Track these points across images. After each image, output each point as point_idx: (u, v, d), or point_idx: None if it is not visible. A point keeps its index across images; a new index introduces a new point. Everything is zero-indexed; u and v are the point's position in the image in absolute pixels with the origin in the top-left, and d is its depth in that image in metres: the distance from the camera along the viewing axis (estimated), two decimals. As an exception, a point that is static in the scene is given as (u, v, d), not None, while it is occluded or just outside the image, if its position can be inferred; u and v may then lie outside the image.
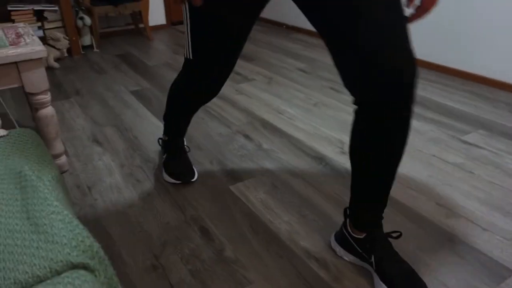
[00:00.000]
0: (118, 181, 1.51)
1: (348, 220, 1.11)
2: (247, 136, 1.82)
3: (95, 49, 3.22)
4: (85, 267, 0.56)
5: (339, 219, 1.30)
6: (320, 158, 1.64)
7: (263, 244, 1.19)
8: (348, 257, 1.14)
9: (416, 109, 2.07)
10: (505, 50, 2.25)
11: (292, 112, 2.07)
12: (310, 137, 1.81)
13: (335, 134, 1.84)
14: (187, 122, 1.47)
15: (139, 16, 3.43)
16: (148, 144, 1.77)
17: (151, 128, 1.91)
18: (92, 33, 3.20)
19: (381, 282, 1.02)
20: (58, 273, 0.54)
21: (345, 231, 1.12)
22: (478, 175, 1.52)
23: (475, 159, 1.63)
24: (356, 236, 1.08)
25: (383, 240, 1.06)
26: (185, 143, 1.57)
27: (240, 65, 2.80)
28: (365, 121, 0.92)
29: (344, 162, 1.61)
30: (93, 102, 2.22)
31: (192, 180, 1.47)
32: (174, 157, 1.51)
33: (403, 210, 1.34)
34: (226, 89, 2.38)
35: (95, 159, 1.66)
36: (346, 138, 1.79)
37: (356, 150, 0.99)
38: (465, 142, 1.75)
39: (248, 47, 3.24)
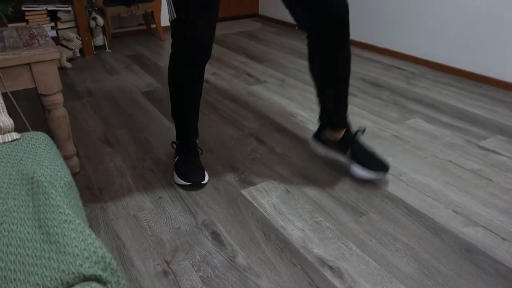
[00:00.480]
0: (129, 183, 1.50)
1: (327, 128, 1.52)
2: (259, 139, 1.80)
3: (107, 50, 3.23)
4: (97, 279, 0.55)
5: (354, 226, 1.27)
6: (334, 163, 1.61)
7: (276, 251, 1.17)
8: (325, 151, 1.60)
9: (431, 113, 2.03)
10: (524, 53, 2.20)
11: (304, 115, 2.04)
12: (323, 141, 1.78)
13: (348, 138, 1.80)
14: (194, 116, 1.50)
15: (151, 16, 3.44)
16: (159, 146, 1.76)
17: (163, 130, 1.90)
18: (104, 33, 3.21)
19: (358, 165, 1.47)
20: (70, 285, 0.53)
21: (322, 131, 1.56)
22: (496, 182, 1.48)
23: (493, 165, 1.59)
24: (334, 139, 1.52)
25: (354, 137, 1.49)
26: (197, 145, 1.56)
27: (252, 67, 2.79)
28: (315, 47, 1.36)
29: (358, 167, 1.58)
30: (105, 103, 2.22)
31: (203, 182, 1.46)
32: (185, 159, 1.50)
33: (419, 217, 1.31)
34: (239, 91, 2.36)
35: (106, 161, 1.65)
36: (359, 142, 1.76)
37: (313, 69, 1.42)
38: (482, 148, 1.71)
39: (260, 48, 3.22)
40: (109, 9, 3.13)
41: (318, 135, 1.60)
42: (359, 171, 1.47)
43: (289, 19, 3.89)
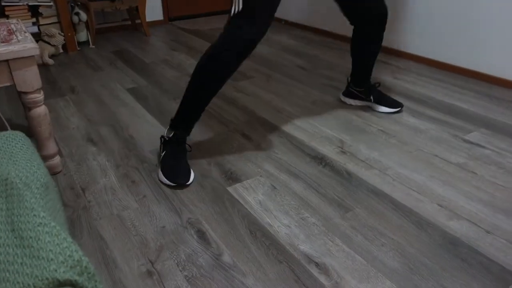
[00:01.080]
0: (113, 182, 1.48)
1: (351, 83, 2.03)
2: (245, 135, 1.79)
3: (91, 45, 3.17)
4: (72, 284, 0.53)
5: (339, 221, 1.27)
6: (320, 158, 1.61)
7: (262, 249, 1.16)
8: (355, 102, 2.07)
9: (417, 107, 2.04)
10: (505, 47, 2.22)
11: (291, 110, 2.03)
12: (310, 136, 1.78)
13: (334, 133, 1.80)
14: (203, 110, 1.49)
15: (136, 11, 3.38)
16: (144, 144, 1.73)
17: (148, 127, 1.88)
18: (88, 29, 3.15)
19: (380, 106, 1.99)
20: (44, 291, 0.51)
21: (352, 89, 2.05)
22: (481, 176, 1.49)
23: (478, 158, 1.60)
24: (359, 89, 2.01)
25: (374, 87, 1.99)
26: (186, 142, 1.54)
27: None
28: (361, 32, 1.83)
29: (344, 162, 1.58)
30: (88, 100, 2.18)
31: (187, 183, 1.44)
32: (173, 157, 1.48)
33: (404, 211, 1.31)
34: (225, 87, 2.34)
35: (90, 159, 1.62)
36: (345, 137, 1.76)
37: (355, 47, 1.90)
38: (467, 141, 1.72)
39: None
40: (92, 4, 3.07)
41: (346, 92, 2.09)
42: (383, 109, 1.98)
43: (276, 13, 3.87)
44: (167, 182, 1.44)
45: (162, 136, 1.55)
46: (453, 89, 2.26)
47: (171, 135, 1.51)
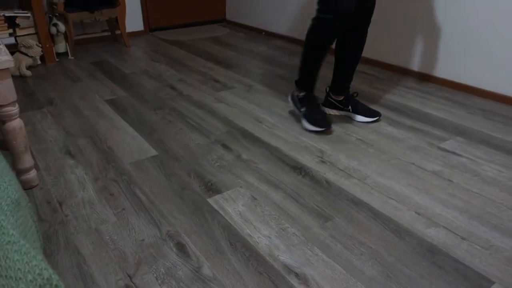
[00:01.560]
0: (91, 195, 1.45)
1: (330, 93, 2.06)
2: (226, 146, 1.79)
3: (70, 57, 3.13)
4: (41, 303, 0.52)
5: (319, 231, 1.27)
6: (300, 168, 1.62)
7: (242, 260, 1.16)
8: (333, 112, 2.09)
9: (395, 117, 2.08)
10: (479, 57, 2.29)
11: (271, 120, 2.04)
12: (290, 146, 1.79)
13: (314, 143, 1.82)
14: (318, 71, 1.88)
15: (116, 22, 3.36)
16: (123, 156, 1.71)
17: (127, 139, 1.86)
18: (66, 40, 3.12)
19: (358, 115, 2.01)
20: (11, 312, 0.50)
21: (330, 99, 2.07)
22: (456, 183, 1.53)
23: (453, 166, 1.64)
24: (338, 99, 2.05)
25: (352, 97, 2.03)
26: None
27: (219, 73, 2.77)
28: (349, 31, 1.86)
29: (324, 171, 1.60)
30: (67, 112, 2.15)
31: (330, 129, 1.89)
32: (316, 108, 1.90)
33: (383, 220, 1.33)
34: (206, 97, 2.34)
35: (67, 172, 1.60)
36: (325, 147, 1.78)
37: (341, 44, 1.91)
38: (443, 150, 1.76)
39: (227, 54, 3.22)
40: (71, 15, 3.04)
41: (324, 102, 2.13)
42: (361, 118, 2.01)
43: (256, 24, 3.91)
44: (315, 128, 1.86)
45: (295, 95, 1.97)
46: (429, 98, 2.31)
47: (303, 94, 1.93)
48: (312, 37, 1.80)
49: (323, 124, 1.87)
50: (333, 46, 1.90)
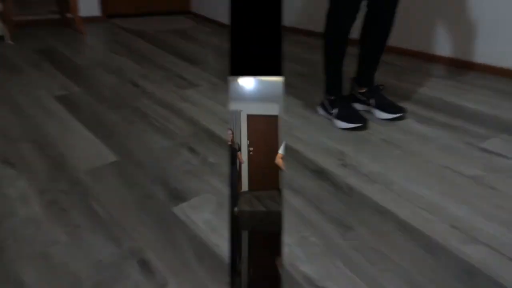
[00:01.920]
0: (36, 212, 1.47)
1: (356, 83, 2.26)
2: (192, 149, 1.86)
3: (8, 41, 3.17)
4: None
5: (341, 242, 1.30)
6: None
7: (209, 272, 1.20)
8: (357, 107, 2.22)
9: (425, 112, 2.13)
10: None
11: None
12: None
13: (314, 142, 1.86)
14: (342, 69, 2.12)
15: (66, 3, 3.41)
16: (78, 163, 1.74)
17: (82, 143, 1.89)
18: (3, 20, 3.15)
19: (380, 111, 2.14)
20: None
21: (352, 93, 2.27)
22: (501, 191, 1.56)
23: (497, 171, 1.67)
24: (361, 91, 2.23)
25: (376, 89, 2.19)
26: None
27: (185, 69, 2.91)
28: (374, 16, 2.08)
29: (345, 176, 1.63)
30: (4, 111, 2.17)
31: (363, 124, 2.03)
32: (347, 105, 2.12)
33: (413, 234, 1.36)
34: (170, 95, 2.45)
35: (5, 186, 1.61)
36: (346, 148, 1.82)
37: (366, 34, 2.14)
38: (484, 150, 1.80)
39: (192, 49, 3.37)
40: (10, -9, 3.09)
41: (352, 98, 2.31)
42: (382, 115, 2.13)
43: (223, 18, 4.07)
44: (349, 125, 2.01)
45: (325, 100, 2.17)
46: (465, 88, 2.37)
47: (333, 97, 2.13)
48: (328, 34, 2.09)
49: (357, 120, 2.03)
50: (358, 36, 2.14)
